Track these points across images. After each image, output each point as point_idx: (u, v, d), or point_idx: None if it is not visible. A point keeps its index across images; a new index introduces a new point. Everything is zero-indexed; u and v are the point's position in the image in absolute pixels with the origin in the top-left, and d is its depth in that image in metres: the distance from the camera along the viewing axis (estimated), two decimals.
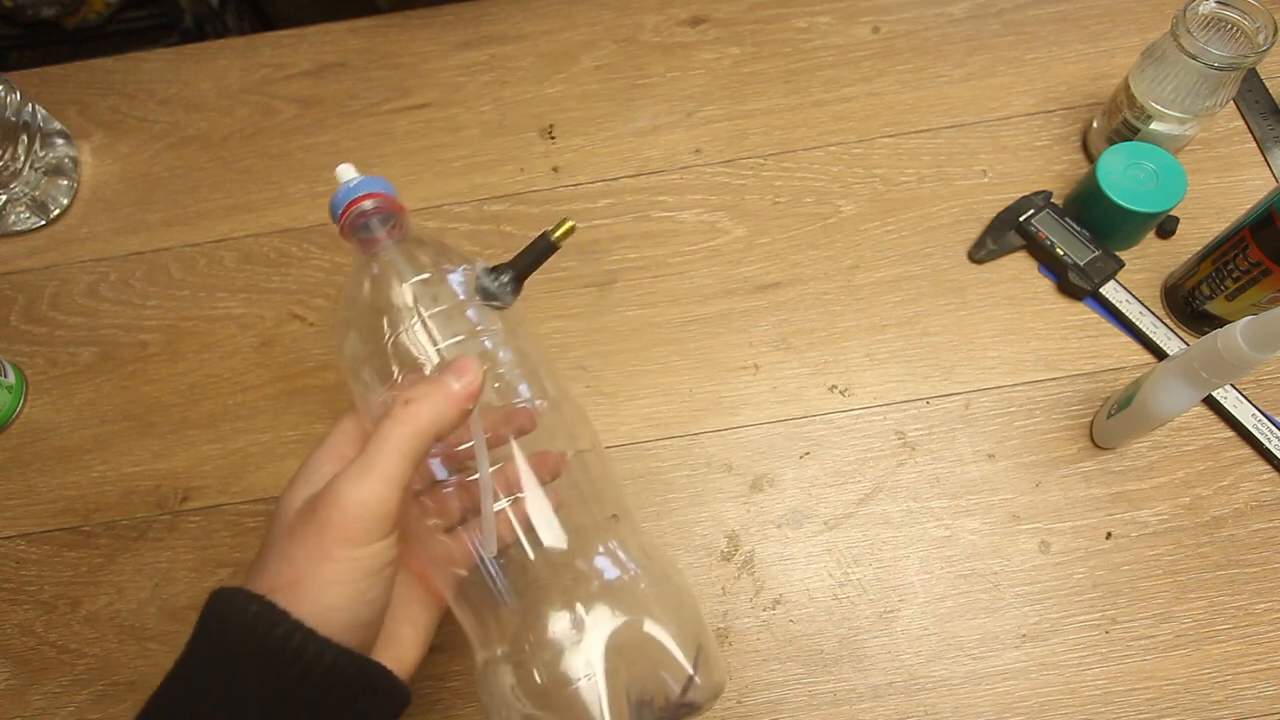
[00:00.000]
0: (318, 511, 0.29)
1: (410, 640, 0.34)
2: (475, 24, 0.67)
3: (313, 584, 0.28)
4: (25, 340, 0.58)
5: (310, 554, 0.28)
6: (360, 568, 0.28)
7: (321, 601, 0.28)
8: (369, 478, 0.29)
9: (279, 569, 0.29)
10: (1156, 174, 0.52)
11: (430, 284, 0.36)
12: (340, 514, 0.28)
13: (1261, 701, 0.44)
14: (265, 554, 0.30)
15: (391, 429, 0.29)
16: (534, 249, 0.37)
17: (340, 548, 0.28)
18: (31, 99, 0.61)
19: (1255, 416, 0.50)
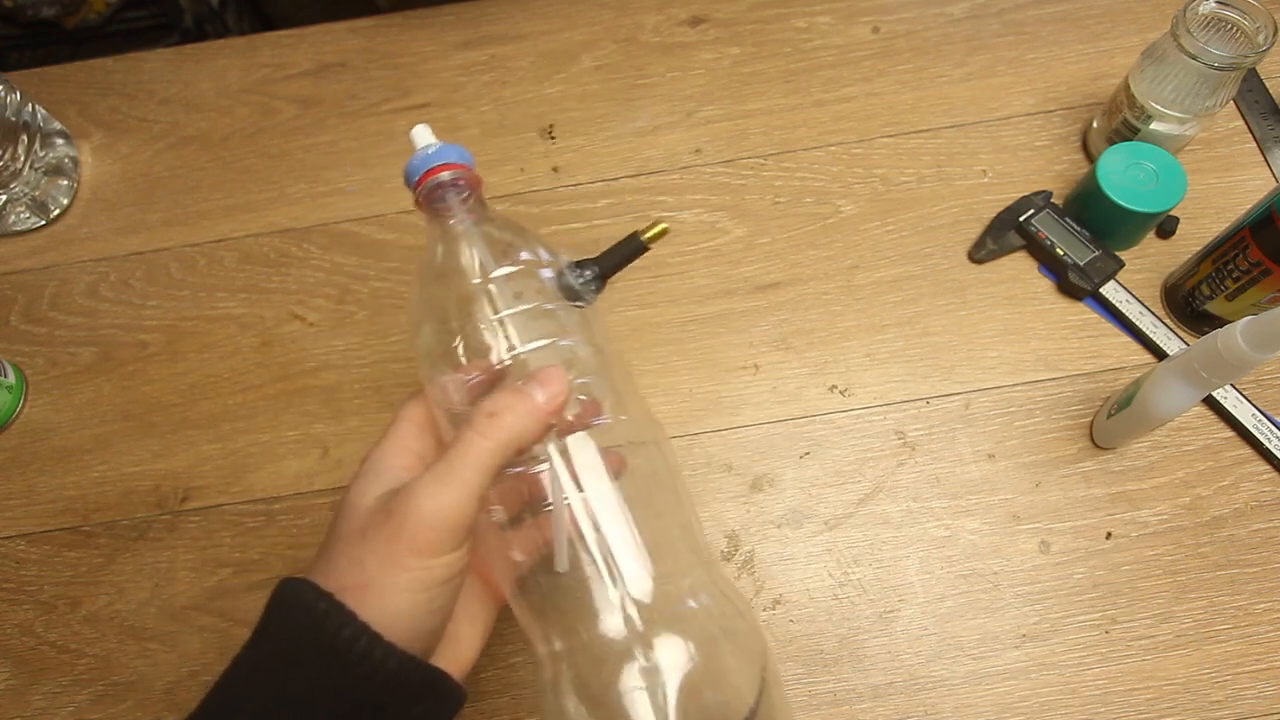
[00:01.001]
0: (392, 516, 0.28)
1: (469, 639, 0.33)
2: (475, 24, 0.67)
3: (382, 590, 0.28)
4: (25, 340, 0.58)
5: (381, 560, 0.28)
6: (431, 577, 0.28)
7: (389, 608, 0.28)
8: (448, 489, 0.28)
9: (348, 570, 0.28)
10: (1156, 174, 0.52)
11: (514, 278, 0.34)
12: (416, 523, 0.28)
13: (1261, 701, 0.44)
14: (332, 550, 0.29)
15: (474, 440, 0.29)
16: (623, 248, 0.35)
17: (413, 557, 0.28)
18: (31, 99, 0.61)
19: (1255, 416, 0.50)
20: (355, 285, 0.58)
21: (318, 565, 0.29)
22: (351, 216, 0.61)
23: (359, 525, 0.29)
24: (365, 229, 0.60)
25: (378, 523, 0.29)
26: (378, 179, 0.62)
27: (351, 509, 0.30)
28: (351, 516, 0.30)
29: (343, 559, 0.29)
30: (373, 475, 0.31)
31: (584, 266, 0.35)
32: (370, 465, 0.32)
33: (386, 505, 0.29)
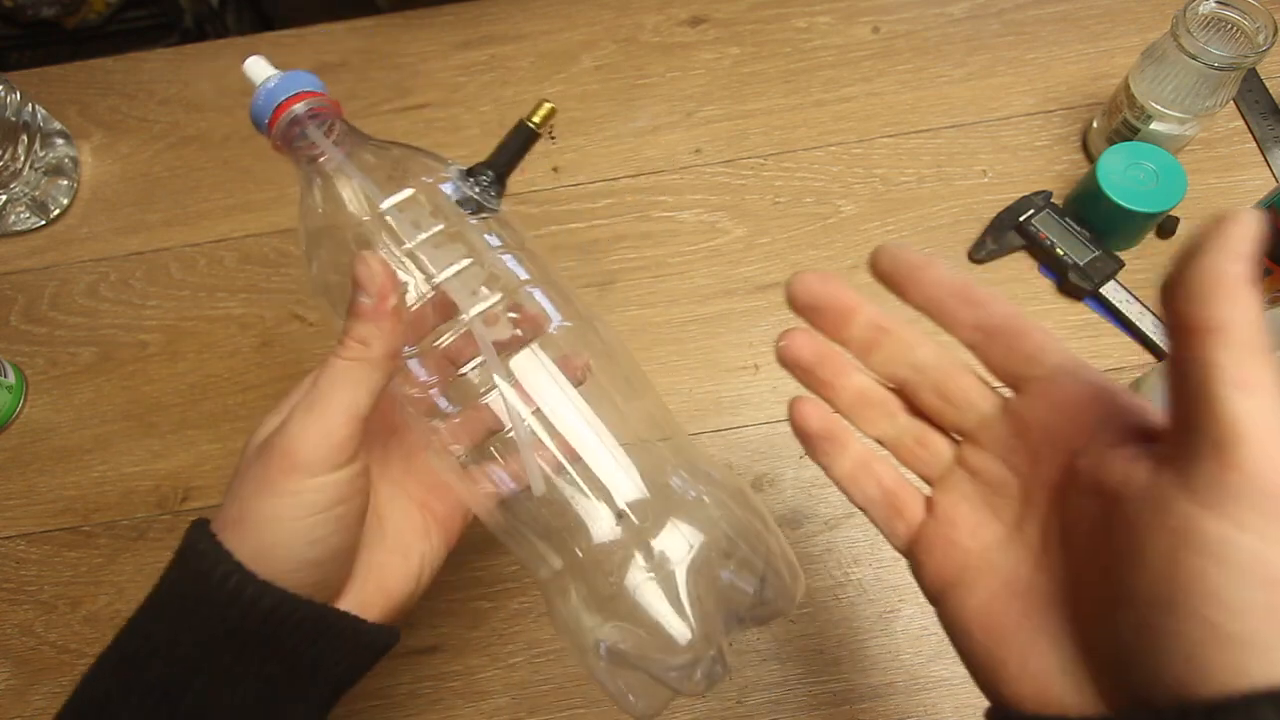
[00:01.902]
0: (267, 447, 0.28)
1: (399, 572, 0.32)
2: (475, 24, 0.67)
3: (256, 522, 0.27)
4: (25, 340, 0.58)
5: (255, 488, 0.28)
6: (303, 502, 0.27)
7: (264, 538, 0.27)
8: (314, 412, 0.28)
9: (228, 506, 0.28)
10: (1156, 174, 0.52)
11: (407, 205, 0.31)
12: (283, 447, 0.27)
13: None
14: (225, 493, 0.30)
15: (335, 365, 0.28)
16: (513, 140, 0.32)
17: (283, 481, 0.27)
18: (31, 99, 0.61)
19: None
20: None
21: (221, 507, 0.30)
22: None
23: (245, 463, 0.29)
24: None
25: (258, 455, 0.28)
26: None
27: (246, 447, 0.30)
28: (244, 454, 0.30)
29: (228, 496, 0.29)
30: (272, 414, 0.31)
31: (476, 172, 0.32)
32: (273, 411, 0.32)
33: (266, 440, 0.28)
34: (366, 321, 0.29)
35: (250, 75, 0.33)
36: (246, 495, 0.28)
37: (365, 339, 0.28)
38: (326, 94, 0.33)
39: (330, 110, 0.33)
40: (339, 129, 0.33)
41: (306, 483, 0.27)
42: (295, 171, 0.33)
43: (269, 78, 0.32)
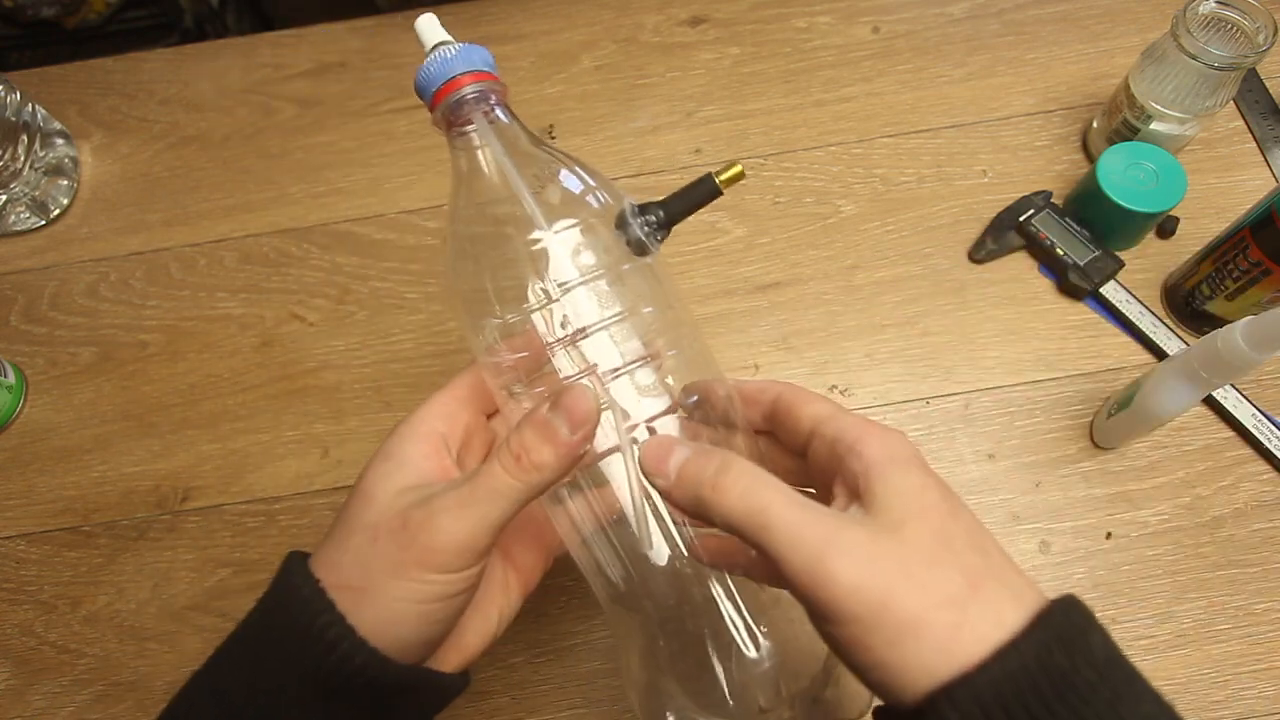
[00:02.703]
0: (408, 527, 0.28)
1: (479, 630, 0.32)
2: (475, 24, 0.67)
3: (382, 597, 0.27)
4: (25, 340, 0.58)
5: (386, 567, 0.27)
6: (432, 592, 0.28)
7: (384, 614, 0.27)
8: (464, 516, 0.27)
9: (352, 569, 0.28)
10: (1156, 174, 0.52)
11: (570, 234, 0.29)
12: (427, 541, 0.27)
13: (1261, 701, 0.44)
14: (342, 540, 0.29)
15: (500, 476, 0.28)
16: (694, 191, 0.31)
17: (418, 570, 0.27)
18: (31, 99, 0.61)
19: (1255, 416, 0.50)
20: (355, 285, 0.58)
21: (325, 551, 0.29)
22: (351, 216, 0.61)
23: (371, 521, 0.29)
24: (365, 229, 0.60)
25: (392, 528, 0.28)
26: (377, 179, 0.62)
27: (366, 498, 0.29)
28: (365, 508, 0.29)
29: (349, 554, 0.28)
30: (392, 463, 0.30)
31: (648, 210, 0.30)
32: (390, 450, 0.31)
33: (404, 513, 0.28)
34: (551, 449, 0.28)
35: (422, 36, 0.31)
36: (377, 570, 0.28)
37: (542, 465, 0.28)
38: (499, 79, 0.30)
39: (499, 95, 0.30)
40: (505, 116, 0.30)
41: (443, 577, 0.28)
42: (452, 154, 0.31)
43: (444, 44, 0.30)
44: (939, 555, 0.24)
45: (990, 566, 0.24)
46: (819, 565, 0.23)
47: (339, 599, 0.27)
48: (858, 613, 0.23)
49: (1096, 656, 0.22)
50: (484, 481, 0.28)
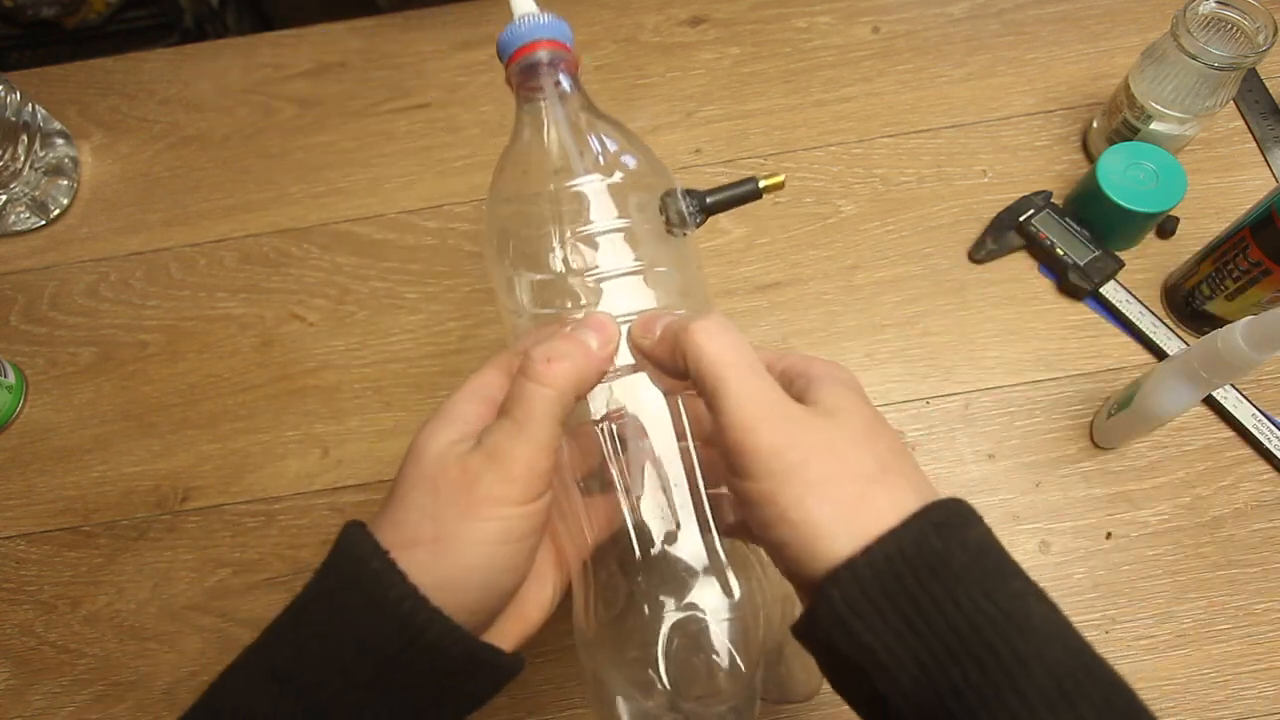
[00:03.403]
0: (468, 471, 0.27)
1: (537, 599, 0.32)
2: (475, 24, 0.67)
3: (457, 543, 0.27)
4: (25, 340, 0.58)
5: (456, 511, 0.27)
6: (507, 529, 0.27)
7: (464, 561, 0.27)
8: (522, 440, 0.27)
9: (420, 523, 0.27)
10: (1156, 174, 0.52)
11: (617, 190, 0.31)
12: (494, 475, 0.27)
13: (1261, 701, 0.44)
14: (402, 500, 0.28)
15: (536, 391, 0.28)
16: (736, 188, 0.33)
17: (491, 506, 0.27)
18: (31, 99, 0.61)
19: (1255, 416, 0.50)
20: (355, 285, 0.58)
21: (386, 514, 0.29)
22: (351, 216, 0.61)
23: (429, 473, 0.28)
24: (365, 229, 0.60)
25: (452, 477, 0.28)
26: (377, 179, 0.62)
27: (421, 454, 0.29)
28: (421, 463, 0.29)
29: (414, 510, 0.28)
30: (444, 420, 0.30)
31: (692, 194, 0.32)
32: (443, 410, 0.31)
33: (461, 460, 0.28)
34: (580, 359, 0.28)
35: (513, 5, 0.33)
36: (448, 518, 0.27)
37: (570, 373, 0.28)
38: (573, 50, 0.33)
39: (569, 66, 0.33)
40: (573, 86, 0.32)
41: (514, 510, 0.27)
42: (516, 114, 0.34)
43: (528, 13, 0.32)
44: (861, 440, 0.26)
45: (902, 465, 0.27)
46: (753, 426, 0.26)
47: (408, 560, 0.27)
48: (773, 468, 0.25)
49: (970, 543, 0.24)
50: (520, 401, 0.28)
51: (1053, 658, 0.22)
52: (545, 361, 0.28)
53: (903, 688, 0.23)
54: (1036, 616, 0.23)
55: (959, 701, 0.22)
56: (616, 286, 0.31)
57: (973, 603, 0.23)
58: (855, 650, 0.23)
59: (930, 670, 0.22)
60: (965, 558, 0.24)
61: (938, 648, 0.23)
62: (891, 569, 0.23)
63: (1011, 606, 0.23)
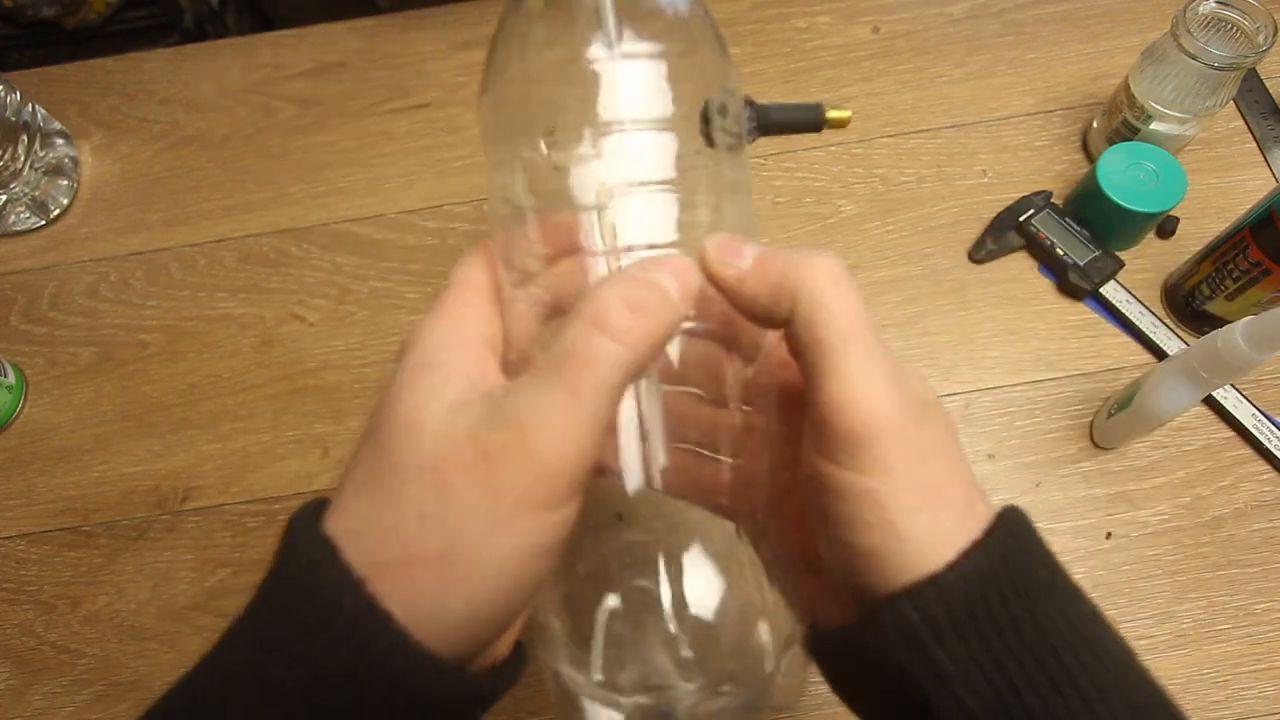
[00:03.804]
0: (491, 458, 0.20)
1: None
2: (475, 24, 0.67)
3: (477, 565, 0.20)
4: (25, 340, 0.58)
5: (483, 521, 0.20)
6: (543, 542, 0.20)
7: (484, 587, 0.20)
8: (575, 413, 0.20)
9: (423, 534, 0.20)
10: (1156, 174, 0.52)
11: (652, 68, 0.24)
12: (533, 462, 0.19)
13: (1261, 701, 0.44)
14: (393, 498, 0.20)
15: (608, 350, 0.20)
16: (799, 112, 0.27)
17: (527, 513, 0.20)
18: (31, 99, 0.61)
19: (1255, 416, 0.50)
20: (355, 285, 0.58)
21: (362, 511, 0.21)
22: (351, 216, 0.61)
23: (429, 461, 0.20)
24: (365, 229, 0.60)
25: (467, 464, 0.20)
26: (377, 179, 0.62)
27: (410, 430, 0.21)
28: (411, 442, 0.21)
29: (411, 513, 0.20)
30: (437, 376, 0.22)
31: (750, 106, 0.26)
32: (423, 358, 0.22)
33: (476, 439, 0.20)
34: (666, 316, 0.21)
35: None
36: (468, 528, 0.20)
37: (652, 335, 0.21)
38: None
39: None
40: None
41: (555, 516, 0.20)
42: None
43: None
44: (955, 436, 0.23)
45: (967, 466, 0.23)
46: (876, 411, 0.20)
47: (403, 590, 0.19)
48: (891, 464, 0.20)
49: (1048, 559, 0.22)
50: (579, 362, 0.20)
51: (1130, 686, 0.21)
52: (628, 310, 0.20)
53: (969, 710, 0.20)
54: (1110, 642, 0.22)
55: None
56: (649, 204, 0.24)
57: (1054, 625, 0.21)
58: (923, 669, 0.20)
59: (1005, 696, 0.20)
60: (1045, 575, 0.22)
61: (1015, 672, 0.20)
62: (980, 587, 0.20)
63: (1087, 630, 0.21)
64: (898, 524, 0.20)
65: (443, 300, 0.23)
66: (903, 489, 0.20)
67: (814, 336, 0.21)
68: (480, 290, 0.24)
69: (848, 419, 0.20)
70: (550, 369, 0.20)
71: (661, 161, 0.25)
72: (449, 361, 0.22)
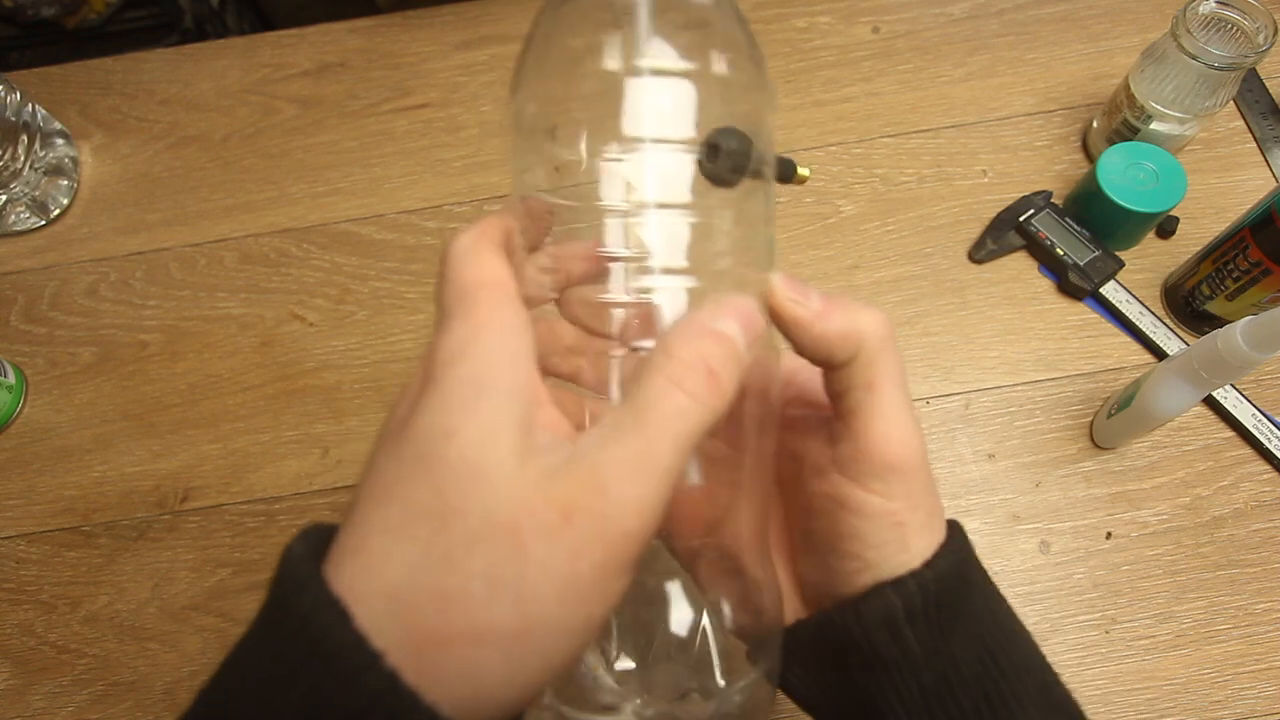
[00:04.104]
0: (574, 520, 0.17)
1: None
2: (475, 24, 0.67)
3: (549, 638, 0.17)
4: (25, 340, 0.58)
5: (560, 589, 0.17)
6: (604, 614, 0.18)
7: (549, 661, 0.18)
8: (657, 477, 0.18)
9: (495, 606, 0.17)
10: (1156, 174, 0.52)
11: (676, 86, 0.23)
12: (612, 522, 0.18)
13: (1261, 701, 0.44)
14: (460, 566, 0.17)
15: (685, 406, 0.19)
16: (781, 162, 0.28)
17: (600, 582, 0.18)
18: (31, 99, 0.61)
19: (1255, 416, 0.50)
20: (355, 285, 0.58)
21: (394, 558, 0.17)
22: (351, 216, 0.61)
23: (509, 518, 0.17)
24: (365, 229, 0.60)
25: (549, 526, 0.17)
26: (377, 179, 0.62)
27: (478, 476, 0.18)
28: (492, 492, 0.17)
29: (476, 578, 0.17)
30: (492, 400, 0.18)
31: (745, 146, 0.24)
32: (474, 376, 0.19)
33: (548, 490, 0.18)
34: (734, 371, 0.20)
35: None
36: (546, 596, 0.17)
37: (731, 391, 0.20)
38: None
39: None
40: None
41: (623, 580, 0.19)
42: None
43: None
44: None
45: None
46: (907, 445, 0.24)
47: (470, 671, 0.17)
48: (910, 488, 0.24)
49: (978, 560, 0.26)
50: (658, 417, 0.19)
51: (1037, 666, 0.26)
52: (706, 372, 0.19)
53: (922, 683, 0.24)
54: (1020, 630, 0.26)
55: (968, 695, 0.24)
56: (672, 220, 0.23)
57: (986, 614, 0.25)
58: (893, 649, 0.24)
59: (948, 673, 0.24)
60: (978, 575, 0.26)
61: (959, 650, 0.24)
62: (945, 582, 0.24)
63: (1007, 622, 0.26)
64: (909, 540, 0.24)
65: (475, 301, 0.20)
66: (920, 510, 0.24)
67: (869, 380, 0.24)
68: (509, 290, 0.21)
69: (886, 452, 0.24)
70: (631, 426, 0.19)
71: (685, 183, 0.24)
72: (502, 382, 0.19)
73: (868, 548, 0.24)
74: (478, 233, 0.22)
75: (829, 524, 0.25)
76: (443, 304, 0.21)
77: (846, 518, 0.24)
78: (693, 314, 0.21)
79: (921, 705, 0.24)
